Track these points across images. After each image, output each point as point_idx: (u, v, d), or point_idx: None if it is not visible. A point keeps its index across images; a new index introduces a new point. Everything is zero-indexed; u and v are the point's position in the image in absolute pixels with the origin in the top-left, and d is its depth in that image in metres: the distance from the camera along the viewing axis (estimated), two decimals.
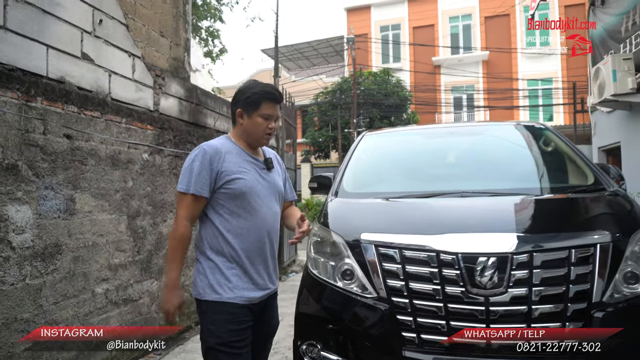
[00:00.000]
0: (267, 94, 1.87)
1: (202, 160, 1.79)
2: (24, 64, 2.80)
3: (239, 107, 1.89)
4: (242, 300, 1.78)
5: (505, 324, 1.77)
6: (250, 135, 1.89)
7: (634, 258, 1.88)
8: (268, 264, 1.89)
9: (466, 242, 1.87)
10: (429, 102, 21.00)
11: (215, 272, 1.79)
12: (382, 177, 2.95)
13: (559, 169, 2.73)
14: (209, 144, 1.87)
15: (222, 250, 1.80)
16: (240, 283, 1.79)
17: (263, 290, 1.86)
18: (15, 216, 2.60)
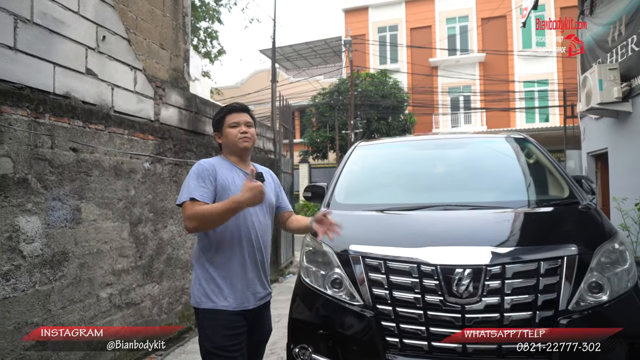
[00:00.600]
0: (226, 109, 2.12)
1: (201, 172, 1.95)
2: (33, 82, 2.96)
3: (215, 131, 2.15)
4: (235, 308, 1.92)
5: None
6: (230, 145, 2.07)
7: (599, 269, 2.05)
8: (259, 273, 2.03)
9: (445, 255, 2.03)
10: (426, 104, 21.16)
11: (209, 282, 1.93)
12: (372, 189, 3.11)
13: (538, 182, 2.90)
14: (204, 161, 2.04)
15: (215, 261, 1.95)
16: (232, 292, 1.93)
17: (255, 297, 2.00)
18: (25, 227, 2.76)
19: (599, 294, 2.01)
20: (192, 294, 2.01)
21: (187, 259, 4.72)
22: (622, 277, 2.09)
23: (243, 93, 24.43)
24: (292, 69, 30.54)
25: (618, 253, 2.17)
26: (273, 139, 7.98)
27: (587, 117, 7.22)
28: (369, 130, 19.34)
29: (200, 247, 2.01)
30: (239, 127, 2.05)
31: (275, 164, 7.64)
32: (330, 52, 28.08)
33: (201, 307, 1.94)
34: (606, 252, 2.12)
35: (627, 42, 5.55)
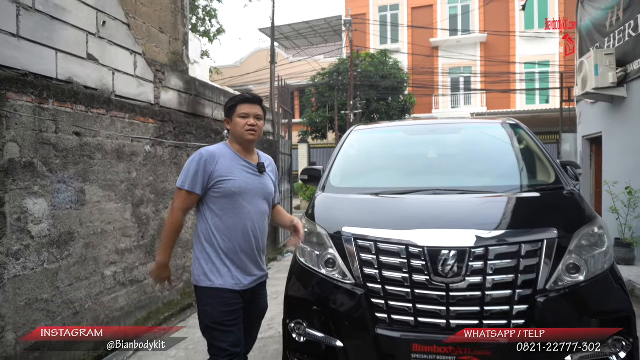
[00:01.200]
0: (239, 98, 2.20)
1: (199, 162, 2.07)
2: (37, 68, 3.03)
3: (225, 116, 2.24)
4: (231, 286, 2.07)
5: (463, 307, 2.08)
6: (236, 135, 2.16)
7: (577, 251, 2.18)
8: (255, 255, 2.17)
9: (432, 237, 2.16)
10: (426, 85, 21.08)
11: (208, 262, 2.08)
12: (366, 173, 3.22)
13: (526, 168, 3.01)
14: (207, 149, 2.14)
15: (213, 243, 2.09)
16: (229, 272, 2.07)
17: (250, 277, 2.15)
18: (33, 208, 2.88)
19: (576, 275, 2.14)
20: (192, 273, 2.15)
21: (188, 239, 4.87)
22: (599, 259, 2.21)
23: (242, 72, 24.29)
24: (291, 48, 30.25)
25: (597, 237, 2.30)
26: (272, 120, 8.04)
27: (583, 101, 7.28)
28: (369, 110, 19.32)
29: (200, 229, 2.14)
30: (248, 118, 2.14)
31: (274, 145, 7.74)
32: (331, 31, 27.79)
33: (200, 285, 2.08)
34: (585, 235, 2.25)
35: (625, 27, 5.58)
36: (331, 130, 20.97)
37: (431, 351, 2.02)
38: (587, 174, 7.51)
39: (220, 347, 2.01)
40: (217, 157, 2.10)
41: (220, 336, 2.02)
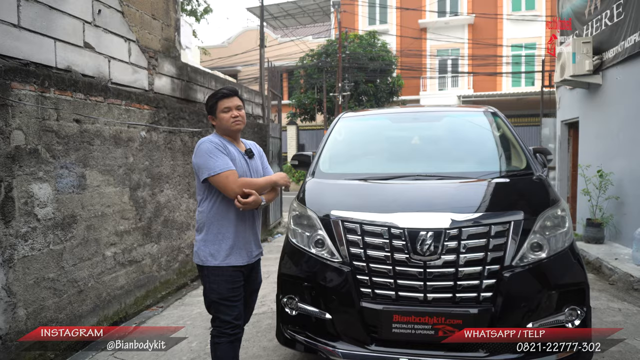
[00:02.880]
0: (218, 94, 2.34)
1: (217, 147, 2.24)
2: (37, 58, 3.16)
3: (208, 114, 2.40)
4: (236, 263, 2.28)
5: (438, 282, 2.33)
6: (224, 128, 2.33)
7: (540, 231, 2.44)
8: (255, 234, 2.41)
9: (412, 220, 2.39)
10: (414, 67, 21.20)
11: (214, 243, 2.27)
12: (354, 159, 3.43)
13: (500, 155, 3.25)
14: (209, 139, 2.29)
15: (219, 224, 2.27)
16: (232, 250, 2.28)
17: (250, 255, 2.37)
18: (38, 193, 3.04)
19: (539, 252, 2.40)
20: (196, 254, 2.33)
21: (182, 221, 5.06)
22: (559, 238, 2.47)
23: (230, 53, 24.07)
24: (279, 28, 29.96)
25: (559, 218, 2.55)
26: (261, 104, 8.17)
27: (562, 87, 7.54)
28: (357, 92, 19.43)
29: (206, 212, 2.30)
30: (231, 111, 2.32)
31: (264, 129, 7.88)
32: (320, 11, 27.56)
33: (207, 264, 2.27)
34: (548, 217, 2.50)
35: (602, 16, 5.80)
36: (319, 112, 21.06)
37: (410, 321, 2.27)
38: (565, 157, 7.83)
39: (226, 320, 2.25)
40: (224, 143, 2.29)
41: (226, 310, 2.25)
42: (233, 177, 2.21)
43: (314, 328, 2.54)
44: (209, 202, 2.30)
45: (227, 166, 2.20)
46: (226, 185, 2.19)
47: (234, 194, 2.21)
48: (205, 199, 2.31)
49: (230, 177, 2.20)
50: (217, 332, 2.27)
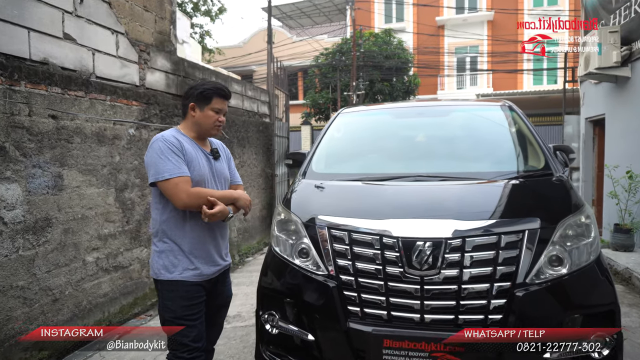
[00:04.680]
0: (219, 90, 2.07)
1: (170, 147, 1.92)
2: (7, 49, 2.92)
3: (192, 101, 2.06)
4: (193, 278, 1.99)
5: (438, 301, 1.99)
6: (202, 127, 2.07)
7: (560, 242, 2.07)
8: (218, 244, 2.11)
9: (407, 228, 2.05)
10: (431, 65, 20.68)
11: (168, 255, 1.98)
12: (350, 158, 3.11)
13: (514, 153, 2.87)
14: (164, 135, 1.99)
15: (175, 233, 1.99)
16: (190, 264, 1.99)
17: (214, 267, 2.08)
18: (5, 194, 2.81)
19: (559, 267, 2.04)
20: (151, 266, 2.05)
21: None
22: (584, 250, 2.10)
23: (245, 53, 23.96)
24: (295, 27, 29.76)
25: (583, 227, 2.18)
26: (268, 102, 7.90)
27: (587, 82, 7.04)
28: (372, 91, 19.02)
29: (159, 219, 2.02)
30: (219, 114, 2.08)
31: (270, 127, 7.61)
32: (335, 10, 27.25)
33: (160, 278, 1.99)
34: (570, 225, 2.13)
35: (631, 2, 5.32)
36: (334, 112, 20.73)
37: (402, 347, 1.94)
38: (590, 157, 7.33)
39: (182, 342, 1.94)
40: (182, 143, 1.99)
41: (182, 331, 1.95)
42: (183, 184, 1.91)
43: (296, 350, 2.22)
44: (163, 207, 2.01)
45: (178, 171, 1.90)
46: (174, 194, 1.90)
47: (182, 204, 1.92)
48: (158, 203, 2.02)
49: (180, 184, 1.90)
50: (172, 356, 1.97)
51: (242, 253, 6.47)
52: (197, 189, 1.96)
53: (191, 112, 2.07)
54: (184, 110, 2.11)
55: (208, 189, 2.02)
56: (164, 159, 1.90)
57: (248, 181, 6.74)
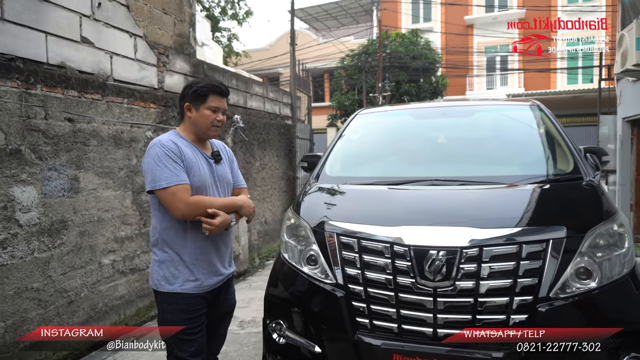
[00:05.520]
0: (214, 87, 1.95)
1: (168, 153, 1.82)
2: (24, 52, 2.96)
3: (187, 101, 1.96)
4: (194, 290, 1.90)
5: (452, 314, 1.85)
6: (199, 128, 1.95)
7: (590, 253, 1.90)
8: (221, 252, 2.00)
9: (420, 235, 1.93)
10: (459, 65, 20.21)
11: (169, 265, 1.88)
12: (365, 161, 2.99)
13: (541, 156, 2.68)
14: (162, 139, 1.88)
15: (175, 242, 1.89)
16: (191, 275, 1.89)
17: (216, 277, 1.98)
18: (20, 197, 2.84)
19: (587, 280, 1.87)
20: (150, 276, 1.96)
21: None
22: (616, 262, 1.92)
23: (271, 55, 24.09)
24: (322, 29, 29.74)
25: (616, 236, 2.00)
26: (290, 104, 7.85)
27: (624, 80, 6.66)
28: (398, 93, 18.75)
29: (159, 228, 1.92)
30: (217, 113, 1.95)
31: (291, 130, 7.56)
32: (361, 11, 27.07)
33: (159, 290, 1.90)
34: (600, 234, 1.96)
35: None
36: None
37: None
38: (628, 159, 6.92)
39: (181, 357, 1.86)
40: (178, 145, 1.88)
41: (181, 345, 1.86)
42: (182, 193, 1.80)
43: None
44: (162, 215, 1.90)
45: (176, 179, 1.79)
46: (172, 203, 1.79)
47: (180, 214, 1.82)
48: (157, 211, 1.91)
49: (178, 193, 1.79)
50: None
51: (263, 256, 6.43)
52: (196, 197, 1.85)
53: (187, 113, 1.96)
54: (181, 112, 2.01)
55: (208, 198, 1.91)
56: (161, 166, 1.80)
57: (269, 183, 6.70)
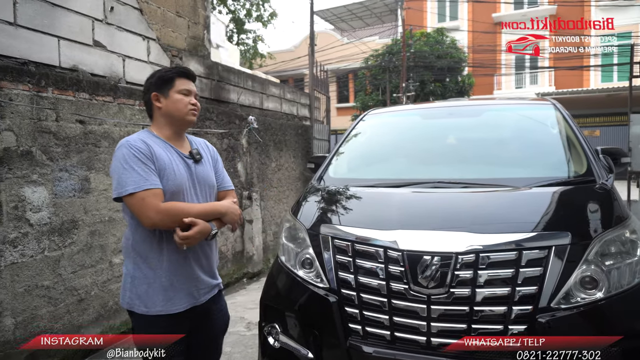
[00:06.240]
0: (178, 70, 1.79)
1: (136, 153, 1.61)
2: (37, 57, 3.04)
3: (152, 90, 1.75)
4: (174, 310, 1.68)
5: (446, 323, 1.77)
6: (174, 116, 1.74)
7: (596, 261, 1.79)
8: (202, 266, 1.77)
9: (414, 240, 1.86)
10: (486, 64, 19.74)
11: (142, 283, 1.66)
12: (369, 162, 2.93)
13: (552, 156, 2.55)
14: (131, 139, 1.67)
15: (150, 257, 1.66)
16: (167, 294, 1.67)
17: (198, 293, 1.76)
18: (31, 197, 2.91)
19: (593, 290, 1.76)
20: (122, 294, 1.72)
21: None
22: (625, 271, 1.80)
23: (296, 56, 24.19)
24: (347, 29, 29.65)
25: (628, 243, 1.88)
26: (309, 105, 7.83)
27: None
28: (423, 92, 18.48)
29: (132, 239, 1.69)
30: (190, 96, 1.75)
31: (309, 130, 7.54)
32: (386, 10, 26.83)
33: (134, 310, 1.69)
34: (610, 241, 1.84)
35: None
36: None
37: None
38: None
39: None
40: (149, 144, 1.65)
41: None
42: (151, 199, 1.57)
43: None
44: (136, 225, 1.66)
45: (144, 183, 1.57)
46: (141, 211, 1.57)
47: (150, 223, 1.58)
48: (131, 218, 1.68)
49: (148, 199, 1.56)
50: None
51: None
52: (168, 204, 1.61)
53: (156, 105, 1.74)
54: (149, 109, 1.79)
55: (184, 204, 1.66)
56: (129, 169, 1.58)
57: (285, 184, 6.70)
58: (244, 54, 19.54)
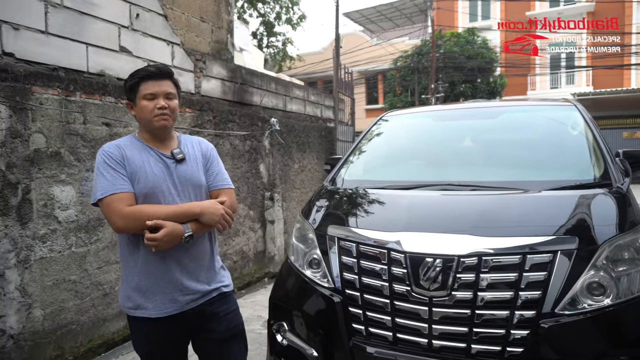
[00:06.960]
0: (142, 73, 1.68)
1: (105, 160, 1.62)
2: (66, 63, 3.21)
3: (127, 99, 1.76)
4: (155, 314, 1.65)
5: (448, 326, 1.77)
6: (143, 123, 1.71)
7: (605, 267, 1.74)
8: (188, 271, 1.69)
9: (418, 242, 1.86)
10: (518, 64, 19.21)
11: (130, 284, 1.67)
12: (382, 165, 2.94)
13: (568, 159, 2.49)
14: (107, 144, 1.70)
15: (128, 261, 1.68)
16: (151, 296, 1.65)
17: (184, 298, 1.68)
18: (60, 195, 3.07)
19: (600, 297, 1.71)
20: (119, 295, 1.80)
21: None
22: (636, 277, 1.75)
23: (325, 58, 24.29)
24: (377, 31, 29.53)
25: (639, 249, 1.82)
26: (333, 107, 7.87)
27: None
28: (453, 93, 18.20)
29: (119, 241, 1.72)
30: (156, 99, 1.65)
31: (332, 132, 7.57)
32: (417, 11, 26.57)
33: (124, 311, 1.73)
34: (620, 247, 1.79)
35: None
36: None
37: None
38: None
39: None
40: (125, 151, 1.65)
41: None
42: (116, 204, 1.55)
43: None
44: None
45: (111, 188, 1.56)
46: (108, 216, 1.57)
47: (116, 228, 1.57)
48: None
49: (113, 204, 1.55)
50: None
51: None
52: (133, 208, 1.57)
53: (131, 112, 1.75)
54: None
55: (151, 206, 1.59)
56: (99, 175, 1.60)
57: (308, 185, 6.76)
58: (273, 56, 19.80)
